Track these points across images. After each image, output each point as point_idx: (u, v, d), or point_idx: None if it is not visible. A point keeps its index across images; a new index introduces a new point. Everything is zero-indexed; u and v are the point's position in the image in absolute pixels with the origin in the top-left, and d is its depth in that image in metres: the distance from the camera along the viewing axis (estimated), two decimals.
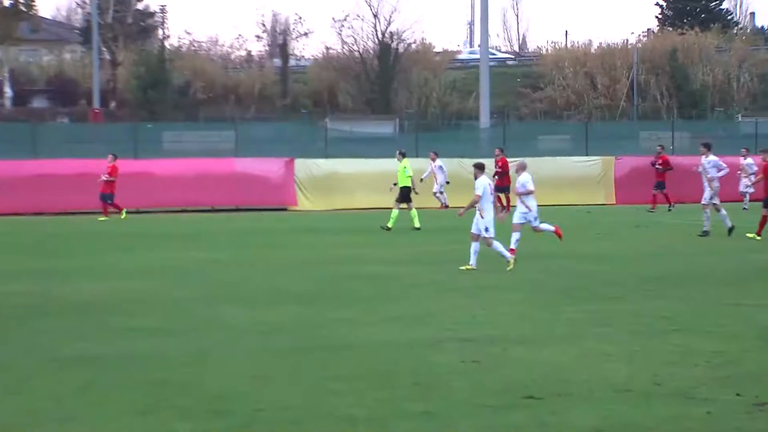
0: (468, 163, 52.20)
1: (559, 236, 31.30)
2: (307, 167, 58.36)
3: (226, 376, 15.65)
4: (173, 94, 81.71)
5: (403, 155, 43.94)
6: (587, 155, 61.18)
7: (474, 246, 28.97)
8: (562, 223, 41.78)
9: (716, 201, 38.48)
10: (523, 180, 30.71)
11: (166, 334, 19.11)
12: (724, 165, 42.88)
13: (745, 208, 50.76)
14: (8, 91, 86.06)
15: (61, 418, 13.26)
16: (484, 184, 29.10)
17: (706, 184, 38.98)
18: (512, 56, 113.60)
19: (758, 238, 36.30)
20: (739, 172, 51.63)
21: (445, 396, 14.16)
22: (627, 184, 58.83)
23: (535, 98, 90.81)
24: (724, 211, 38.22)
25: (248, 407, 13.78)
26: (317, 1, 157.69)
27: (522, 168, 31.42)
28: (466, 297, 23.29)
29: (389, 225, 41.34)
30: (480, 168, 29.79)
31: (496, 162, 53.44)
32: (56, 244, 37.83)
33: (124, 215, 49.45)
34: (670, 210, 52.96)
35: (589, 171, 59.79)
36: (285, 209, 56.70)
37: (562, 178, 58.86)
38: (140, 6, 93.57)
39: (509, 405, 13.63)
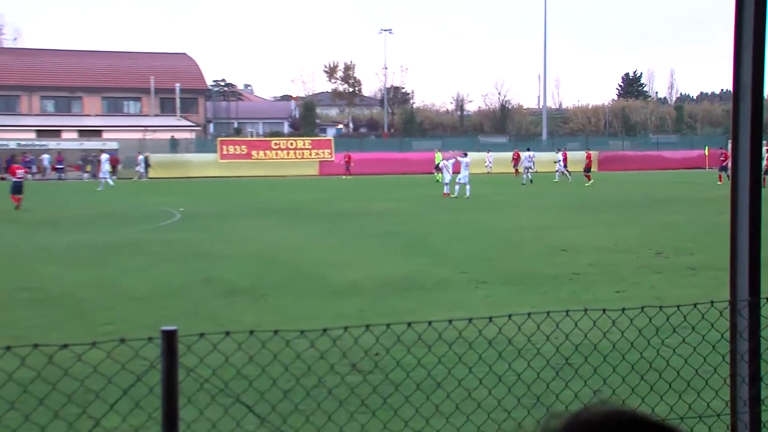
0: (538, 154, 50.28)
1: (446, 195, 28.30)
2: (470, 156, 57.05)
3: (436, 240, 15.62)
4: (416, 126, 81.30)
5: (439, 150, 41.44)
6: (587, 150, 58.89)
7: (456, 188, 28.10)
8: (569, 180, 40.31)
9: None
10: (464, 160, 28.57)
11: (408, 224, 19.13)
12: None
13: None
14: (350, 125, 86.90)
15: (348, 255, 13.30)
16: (467, 160, 28.82)
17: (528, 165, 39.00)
18: (555, 109, 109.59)
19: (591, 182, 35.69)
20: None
21: (524, 251, 13.89)
22: (604, 163, 56.51)
23: (565, 127, 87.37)
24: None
25: (444, 253, 13.73)
26: (476, 87, 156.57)
27: (463, 156, 29.22)
28: (531, 211, 22.55)
29: (437, 179, 36.85)
30: (464, 155, 29.59)
31: (514, 154, 50.40)
32: (356, 187, 37.85)
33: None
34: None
35: None
36: None
37: (577, 161, 56.26)
38: (402, 91, 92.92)
39: (554, 253, 13.33)
